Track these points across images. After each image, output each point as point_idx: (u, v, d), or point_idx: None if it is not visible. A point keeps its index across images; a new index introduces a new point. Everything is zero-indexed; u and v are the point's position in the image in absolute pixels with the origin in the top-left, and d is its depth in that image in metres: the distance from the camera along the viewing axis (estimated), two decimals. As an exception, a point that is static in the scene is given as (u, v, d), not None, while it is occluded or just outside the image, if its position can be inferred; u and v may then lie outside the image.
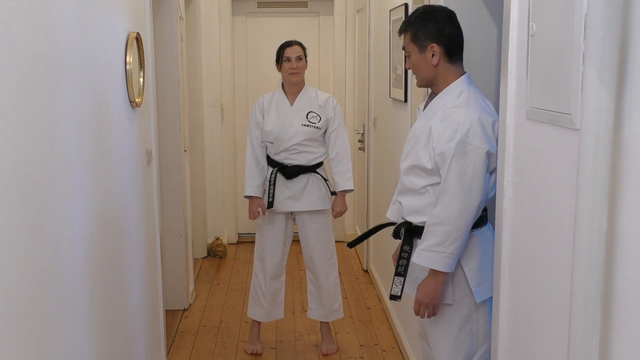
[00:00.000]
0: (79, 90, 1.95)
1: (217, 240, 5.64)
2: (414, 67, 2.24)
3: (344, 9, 5.81)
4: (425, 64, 2.20)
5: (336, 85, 5.91)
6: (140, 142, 2.86)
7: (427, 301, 2.18)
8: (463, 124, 2.07)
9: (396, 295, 2.26)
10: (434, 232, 2.11)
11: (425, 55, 2.19)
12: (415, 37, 2.20)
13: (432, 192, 2.19)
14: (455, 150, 2.06)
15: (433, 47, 2.17)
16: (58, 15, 1.76)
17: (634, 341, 1.20)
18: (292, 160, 3.56)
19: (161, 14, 4.14)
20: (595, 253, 1.24)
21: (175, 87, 4.20)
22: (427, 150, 2.16)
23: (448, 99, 2.18)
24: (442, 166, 2.12)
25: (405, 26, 2.24)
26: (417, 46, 2.20)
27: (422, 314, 2.21)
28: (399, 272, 2.25)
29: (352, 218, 5.98)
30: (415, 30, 2.20)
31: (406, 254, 2.25)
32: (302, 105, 3.60)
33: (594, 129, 1.22)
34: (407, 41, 2.24)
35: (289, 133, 3.54)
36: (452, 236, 2.08)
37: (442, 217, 2.09)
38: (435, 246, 2.11)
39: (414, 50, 2.22)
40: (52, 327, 1.67)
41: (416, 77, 2.28)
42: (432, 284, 2.17)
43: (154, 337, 3.17)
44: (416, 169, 2.22)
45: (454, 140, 2.08)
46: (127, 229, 2.58)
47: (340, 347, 3.81)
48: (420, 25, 2.19)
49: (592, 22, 1.21)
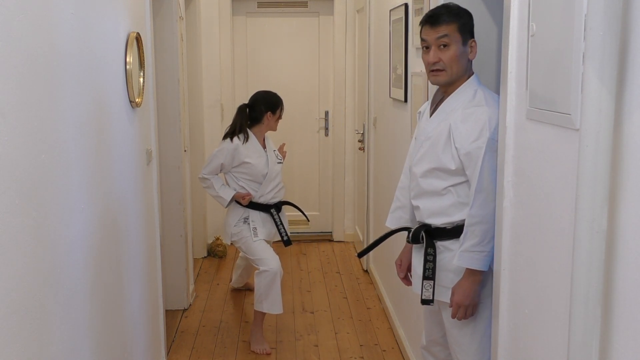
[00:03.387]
0: (79, 90, 1.95)
1: (217, 240, 5.64)
2: (452, 59, 2.16)
3: (344, 9, 5.81)
4: (464, 58, 2.19)
5: (336, 85, 5.92)
6: (140, 142, 2.86)
7: (467, 302, 2.16)
8: (490, 122, 2.08)
9: (428, 299, 2.25)
10: (474, 232, 2.11)
11: (465, 49, 2.19)
12: (463, 28, 2.17)
13: (454, 193, 2.19)
14: (486, 148, 2.06)
15: (473, 43, 2.20)
16: (58, 16, 1.76)
17: (634, 341, 1.20)
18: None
19: (161, 14, 4.14)
20: (595, 253, 1.24)
21: (175, 87, 4.20)
22: (449, 151, 2.15)
23: (463, 98, 2.18)
24: (468, 166, 2.12)
25: (451, 16, 2.17)
26: (462, 38, 2.17)
27: (460, 316, 2.19)
28: (427, 276, 2.24)
29: (352, 218, 5.99)
30: (464, 22, 2.18)
31: (431, 256, 2.24)
32: (270, 146, 4.04)
33: (594, 129, 1.22)
34: (452, 30, 2.16)
35: (273, 172, 3.94)
36: (490, 234, 2.08)
37: (480, 216, 2.09)
38: (476, 246, 2.11)
39: (458, 42, 2.17)
40: (52, 327, 1.66)
41: (447, 71, 2.18)
42: (469, 284, 2.16)
43: (154, 337, 3.17)
44: (436, 171, 2.21)
45: (481, 138, 2.08)
46: (127, 228, 2.58)
47: (340, 347, 3.82)
48: (468, 19, 2.20)
49: (592, 22, 1.21)
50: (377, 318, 4.24)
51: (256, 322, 3.84)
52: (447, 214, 2.21)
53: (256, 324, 3.83)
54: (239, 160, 3.80)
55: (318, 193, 6.17)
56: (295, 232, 6.09)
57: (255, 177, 3.87)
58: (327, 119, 6.05)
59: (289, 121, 5.91)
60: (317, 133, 6.10)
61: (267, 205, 3.93)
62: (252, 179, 3.87)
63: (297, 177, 6.11)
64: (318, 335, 3.97)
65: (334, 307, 4.44)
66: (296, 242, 5.96)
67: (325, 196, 6.16)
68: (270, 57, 5.98)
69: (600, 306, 1.26)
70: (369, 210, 4.95)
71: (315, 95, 6.05)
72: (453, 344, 2.30)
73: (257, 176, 3.86)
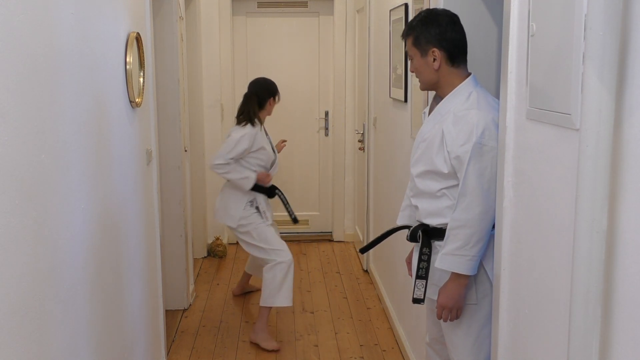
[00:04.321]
0: (79, 90, 1.95)
1: (217, 240, 5.64)
2: (417, 70, 2.25)
3: (344, 9, 5.81)
4: (427, 68, 2.20)
5: (336, 85, 5.91)
6: (140, 142, 2.86)
7: (451, 305, 2.16)
8: (477, 126, 2.07)
9: (419, 298, 2.25)
10: (456, 235, 2.10)
11: (427, 59, 2.19)
12: (417, 41, 2.20)
13: (448, 195, 2.19)
14: (472, 152, 2.06)
15: (434, 52, 2.18)
16: (58, 15, 1.76)
17: (634, 341, 1.20)
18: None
19: (161, 14, 4.14)
20: (595, 253, 1.24)
21: (175, 87, 4.20)
22: (442, 154, 2.16)
23: (456, 101, 2.18)
24: (459, 169, 2.12)
25: (408, 30, 2.24)
26: (418, 50, 2.21)
27: (445, 317, 2.19)
28: (420, 275, 2.25)
29: (352, 218, 5.99)
30: (417, 34, 2.20)
31: (426, 256, 2.24)
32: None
33: (594, 129, 1.22)
34: (409, 45, 2.24)
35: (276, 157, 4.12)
36: (474, 239, 2.08)
37: (463, 220, 2.09)
38: (458, 250, 2.10)
39: (416, 55, 2.22)
40: (52, 327, 1.67)
41: (419, 80, 2.28)
42: (455, 287, 2.15)
43: (154, 337, 3.17)
44: (431, 173, 2.21)
45: (469, 142, 2.07)
46: (127, 228, 2.58)
47: (340, 347, 3.82)
48: (422, 30, 2.19)
49: (592, 22, 1.21)
50: (377, 318, 4.24)
51: (263, 319, 3.85)
52: (443, 215, 2.22)
53: (263, 321, 3.85)
54: (257, 145, 3.91)
55: (318, 193, 6.17)
56: (296, 232, 6.10)
57: (267, 162, 4.00)
58: (327, 119, 6.05)
59: (289, 121, 5.92)
60: (317, 133, 6.10)
61: (270, 188, 4.07)
62: (263, 165, 3.99)
63: (297, 177, 6.11)
64: (318, 335, 3.97)
65: (334, 307, 4.45)
66: (296, 242, 5.96)
67: (325, 196, 6.15)
68: (270, 57, 5.98)
69: (600, 306, 1.26)
70: (369, 210, 4.95)
71: (315, 95, 6.05)
72: (448, 343, 2.31)
73: (268, 161, 4.00)
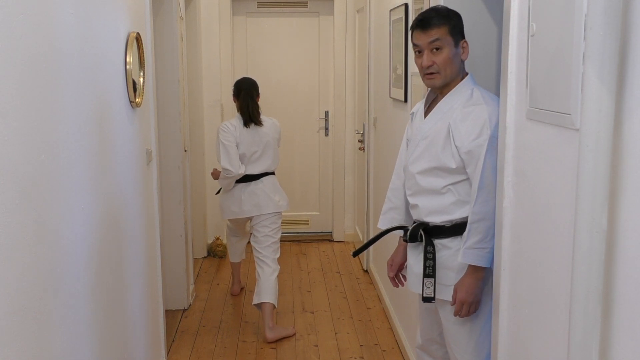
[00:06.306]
0: (79, 90, 1.95)
1: (217, 240, 5.64)
2: (445, 62, 2.19)
3: (344, 9, 5.81)
4: (457, 59, 2.21)
5: (336, 85, 5.91)
6: (140, 142, 2.86)
7: (471, 299, 2.17)
8: (490, 120, 2.10)
9: (429, 297, 2.26)
10: (477, 228, 2.12)
11: (457, 50, 2.20)
12: (454, 30, 2.19)
13: (454, 191, 2.20)
14: (488, 146, 2.08)
15: (464, 43, 2.21)
16: (58, 15, 1.76)
17: (634, 341, 1.20)
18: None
19: (161, 14, 4.14)
20: (595, 253, 1.24)
21: (175, 87, 4.20)
22: (449, 149, 2.17)
23: (459, 98, 2.20)
24: (469, 164, 2.14)
25: (442, 19, 2.19)
26: (453, 40, 2.19)
27: (464, 313, 2.19)
28: (428, 274, 2.25)
29: (352, 218, 5.99)
30: (454, 24, 2.19)
31: (431, 254, 2.25)
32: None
33: (594, 129, 1.22)
34: (442, 34, 2.17)
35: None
36: (492, 231, 2.09)
37: (483, 213, 2.10)
38: (478, 243, 2.12)
39: (450, 45, 2.19)
40: (52, 327, 1.66)
41: (441, 73, 2.20)
42: (473, 281, 2.16)
43: (154, 337, 3.17)
44: (436, 170, 2.22)
45: (483, 136, 2.10)
46: (127, 228, 2.58)
47: (340, 347, 3.82)
48: (457, 20, 2.21)
49: (592, 22, 1.21)
50: (377, 318, 4.24)
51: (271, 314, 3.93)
52: (447, 212, 2.22)
53: (271, 316, 3.93)
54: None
55: (318, 193, 6.17)
56: (296, 232, 6.10)
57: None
58: (327, 119, 6.05)
59: (289, 121, 5.91)
60: (317, 133, 6.10)
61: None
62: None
63: (297, 177, 6.11)
64: (318, 335, 3.97)
65: (334, 307, 4.45)
66: (296, 242, 5.97)
67: (325, 196, 6.15)
68: (270, 57, 5.98)
69: (600, 306, 1.26)
70: (369, 210, 4.95)
71: (315, 95, 6.05)
72: (451, 342, 2.30)
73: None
